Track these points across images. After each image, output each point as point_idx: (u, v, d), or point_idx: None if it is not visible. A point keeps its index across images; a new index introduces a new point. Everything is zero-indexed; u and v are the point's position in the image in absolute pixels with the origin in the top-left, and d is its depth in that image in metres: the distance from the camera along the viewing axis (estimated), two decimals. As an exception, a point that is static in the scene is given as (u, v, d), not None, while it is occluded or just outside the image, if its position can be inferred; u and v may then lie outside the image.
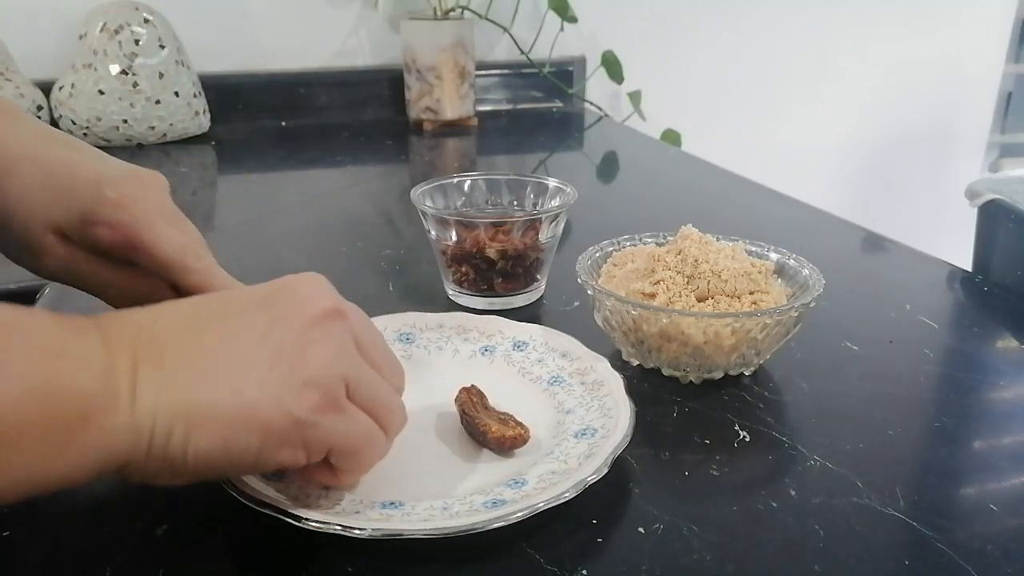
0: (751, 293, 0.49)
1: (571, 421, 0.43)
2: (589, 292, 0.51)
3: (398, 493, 0.37)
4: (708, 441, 0.44)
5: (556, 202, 0.62)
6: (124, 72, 1.06)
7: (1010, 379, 0.52)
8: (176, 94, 1.09)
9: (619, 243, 0.57)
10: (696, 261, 0.49)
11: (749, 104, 1.50)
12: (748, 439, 0.44)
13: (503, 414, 0.43)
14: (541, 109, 1.38)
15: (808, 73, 1.52)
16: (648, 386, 0.49)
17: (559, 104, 1.38)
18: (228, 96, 1.21)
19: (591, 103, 1.38)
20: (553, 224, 0.59)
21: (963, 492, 0.41)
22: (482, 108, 1.32)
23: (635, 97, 1.36)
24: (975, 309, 0.64)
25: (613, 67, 1.34)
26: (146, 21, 1.07)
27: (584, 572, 0.34)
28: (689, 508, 0.38)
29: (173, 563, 0.35)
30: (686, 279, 0.49)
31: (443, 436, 0.43)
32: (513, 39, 1.27)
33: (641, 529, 0.37)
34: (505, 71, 1.35)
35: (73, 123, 1.06)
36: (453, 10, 1.21)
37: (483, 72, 1.31)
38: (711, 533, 0.36)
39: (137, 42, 1.06)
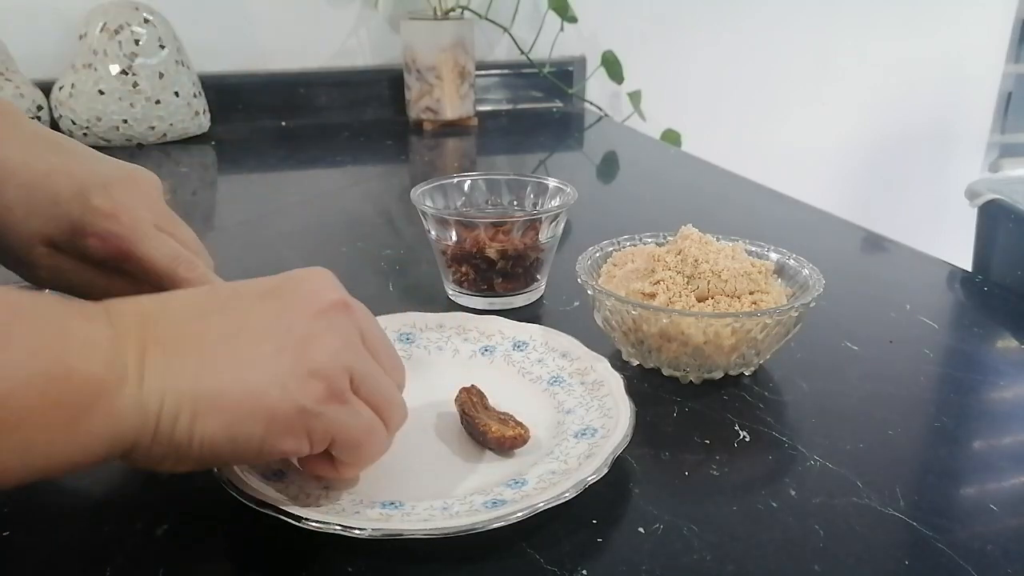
0: (751, 293, 0.49)
1: (571, 421, 0.43)
2: (589, 292, 0.51)
3: (398, 493, 0.38)
4: (708, 441, 0.44)
5: (556, 202, 0.62)
6: (124, 72, 1.06)
7: (1010, 379, 0.52)
8: (176, 94, 1.09)
9: (619, 243, 0.57)
10: (696, 261, 0.49)
11: (749, 104, 1.50)
12: (748, 439, 0.44)
13: (503, 414, 0.43)
14: (541, 109, 1.38)
15: (808, 73, 1.52)
16: (648, 386, 0.49)
17: (559, 104, 1.38)
18: (228, 96, 1.21)
19: (591, 103, 1.38)
20: (553, 224, 0.59)
21: (963, 492, 0.41)
22: (482, 108, 1.32)
23: (635, 97, 1.36)
24: (975, 309, 0.64)
25: (613, 67, 1.34)
26: (146, 21, 1.07)
27: (584, 572, 0.34)
28: (689, 508, 0.38)
29: (173, 563, 0.35)
30: (686, 279, 0.49)
31: (443, 436, 0.43)
32: (513, 39, 1.27)
33: (641, 529, 0.37)
34: (505, 71, 1.35)
35: (73, 123, 1.06)
36: (453, 10, 1.21)
37: (483, 72, 1.31)
38: (711, 533, 0.36)
39: (137, 42, 1.06)
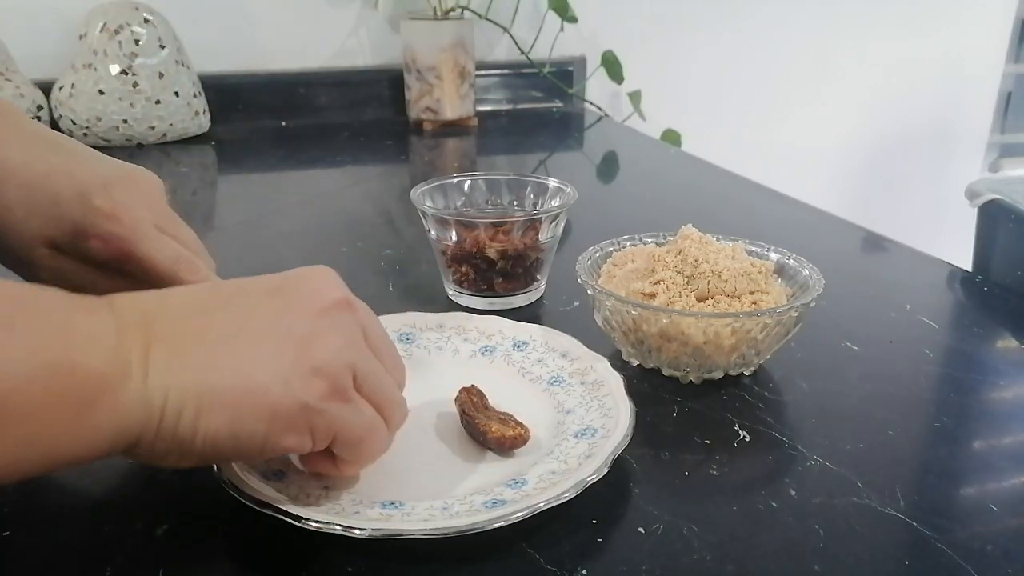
0: (751, 293, 0.49)
1: (571, 421, 0.43)
2: (589, 292, 0.51)
3: (398, 493, 0.38)
4: (708, 441, 0.44)
5: (556, 202, 0.62)
6: (124, 72, 1.06)
7: (1010, 379, 0.52)
8: (176, 94, 1.09)
9: (619, 243, 0.57)
10: (696, 261, 0.49)
11: (749, 104, 1.50)
12: (748, 439, 0.44)
13: (503, 414, 0.43)
14: (541, 109, 1.38)
15: (808, 73, 1.52)
16: (648, 386, 0.49)
17: (559, 104, 1.38)
18: (228, 96, 1.21)
19: (591, 103, 1.38)
20: (553, 224, 0.59)
21: (963, 492, 0.41)
22: (482, 108, 1.32)
23: (635, 97, 1.36)
24: (975, 309, 0.64)
25: (613, 67, 1.34)
26: (146, 21, 1.07)
27: (584, 572, 0.34)
28: (689, 508, 0.38)
29: (173, 563, 0.35)
30: (686, 279, 0.49)
31: (443, 436, 0.43)
32: (513, 39, 1.27)
33: (641, 529, 0.37)
34: (505, 71, 1.35)
35: (73, 123, 1.06)
36: (453, 10, 1.21)
37: (483, 72, 1.31)
38: (711, 533, 0.36)
39: (137, 42, 1.06)
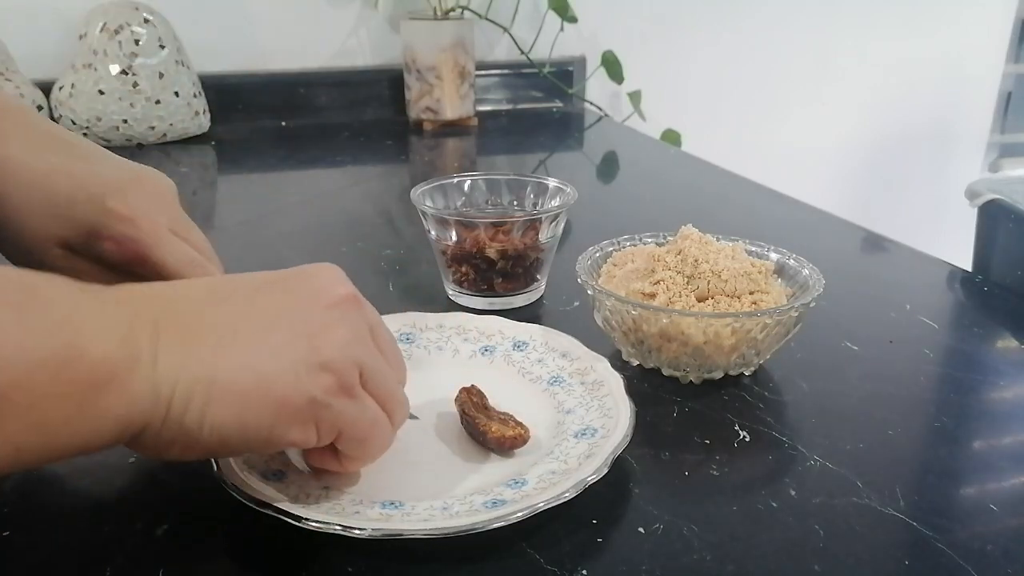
0: (751, 293, 0.49)
1: (571, 421, 0.43)
2: (589, 292, 0.51)
3: (398, 493, 0.38)
4: (708, 441, 0.44)
5: (556, 202, 0.62)
6: (124, 72, 1.06)
7: (1010, 379, 0.52)
8: (176, 94, 1.09)
9: (619, 243, 0.57)
10: (696, 261, 0.49)
11: (749, 104, 1.50)
12: (748, 439, 0.44)
13: (503, 414, 0.43)
14: (541, 109, 1.38)
15: (808, 73, 1.52)
16: (648, 386, 0.49)
17: (559, 104, 1.38)
18: (228, 96, 1.21)
19: (591, 103, 1.38)
20: (553, 224, 0.59)
21: (963, 492, 0.41)
22: (482, 108, 1.32)
23: (635, 97, 1.36)
24: (975, 309, 0.64)
25: (613, 67, 1.34)
26: (146, 21, 1.07)
27: (584, 572, 0.34)
28: (689, 508, 0.38)
29: (173, 563, 0.35)
30: (686, 279, 0.49)
31: (443, 436, 0.43)
32: (513, 39, 1.27)
33: (641, 529, 0.37)
34: (505, 71, 1.35)
35: (73, 123, 1.06)
36: (453, 10, 1.21)
37: (483, 72, 1.31)
38: (711, 533, 0.36)
39: (137, 42, 1.06)
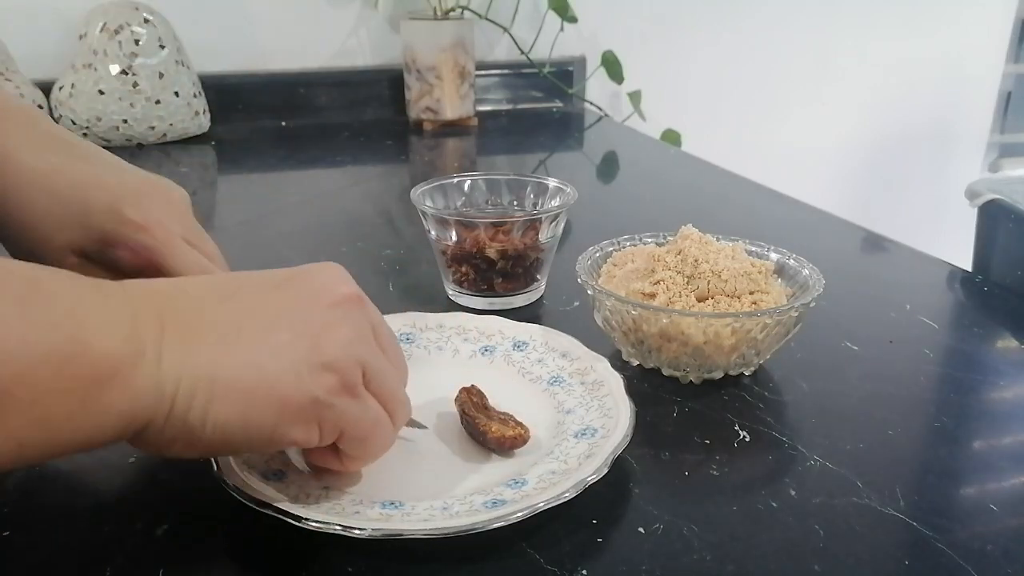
0: (751, 293, 0.49)
1: (571, 421, 0.43)
2: (589, 292, 0.51)
3: (398, 493, 0.38)
4: (708, 441, 0.44)
5: (556, 202, 0.62)
6: (124, 72, 1.06)
7: (1010, 379, 0.52)
8: (176, 94, 1.09)
9: (619, 243, 0.57)
10: (696, 261, 0.49)
11: (749, 104, 1.50)
12: (748, 439, 0.44)
13: (503, 414, 0.43)
14: (541, 109, 1.38)
15: (808, 73, 1.52)
16: (648, 386, 0.49)
17: (559, 104, 1.38)
18: (228, 96, 1.21)
19: (591, 103, 1.38)
20: (553, 224, 0.59)
21: (963, 492, 0.41)
22: (482, 108, 1.32)
23: (635, 97, 1.36)
24: (975, 309, 0.64)
25: (613, 67, 1.34)
26: (146, 21, 1.07)
27: (584, 572, 0.34)
28: (689, 508, 0.38)
29: (173, 563, 0.35)
30: (686, 279, 0.49)
31: (443, 436, 0.43)
32: (513, 39, 1.27)
33: (641, 529, 0.37)
34: (505, 71, 1.35)
35: (73, 123, 1.06)
36: (453, 10, 1.21)
37: (483, 72, 1.31)
38: (711, 533, 0.36)
39: (137, 42, 1.06)
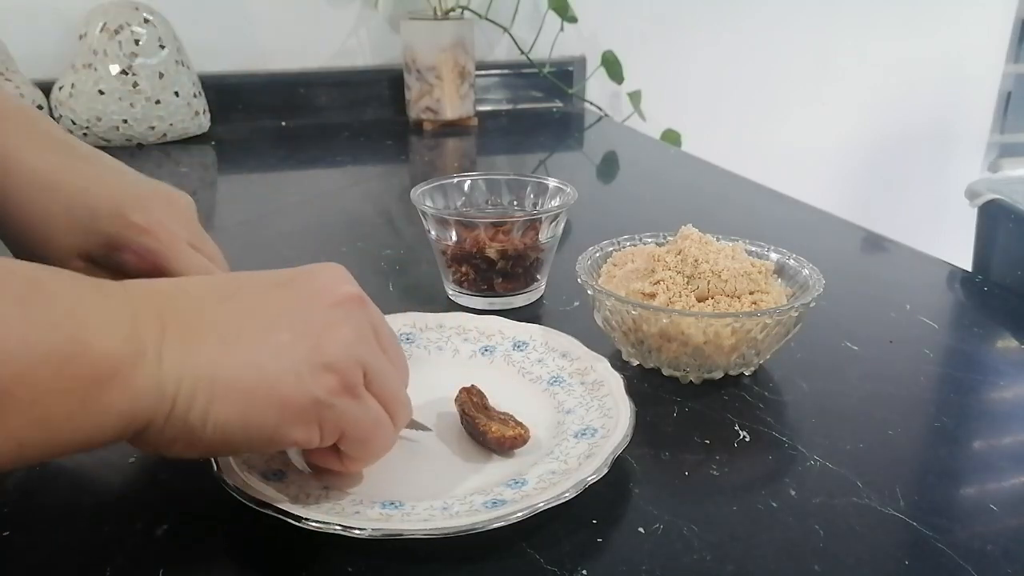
0: (751, 293, 0.49)
1: (571, 421, 0.43)
2: (589, 292, 0.51)
3: (398, 493, 0.38)
4: (708, 441, 0.44)
5: (556, 202, 0.62)
6: (124, 72, 1.06)
7: (1010, 379, 0.52)
8: (176, 94, 1.09)
9: (619, 243, 0.57)
10: (696, 261, 0.49)
11: (749, 104, 1.50)
12: (748, 439, 0.44)
13: (503, 414, 0.43)
14: (541, 109, 1.38)
15: (808, 73, 1.52)
16: (648, 386, 0.49)
17: (559, 104, 1.38)
18: (228, 96, 1.21)
19: (591, 103, 1.38)
20: (553, 224, 0.59)
21: (963, 492, 0.41)
22: (482, 108, 1.32)
23: (635, 97, 1.36)
24: (975, 309, 0.64)
25: (613, 67, 1.34)
26: (146, 21, 1.07)
27: (584, 572, 0.34)
28: (689, 508, 0.38)
29: (173, 563, 0.35)
30: (686, 279, 0.49)
31: (443, 436, 0.43)
32: (513, 39, 1.27)
33: (641, 529, 0.37)
34: (505, 71, 1.35)
35: (73, 123, 1.06)
36: (453, 10, 1.21)
37: (483, 72, 1.31)
38: (711, 533, 0.36)
39: (137, 42, 1.06)
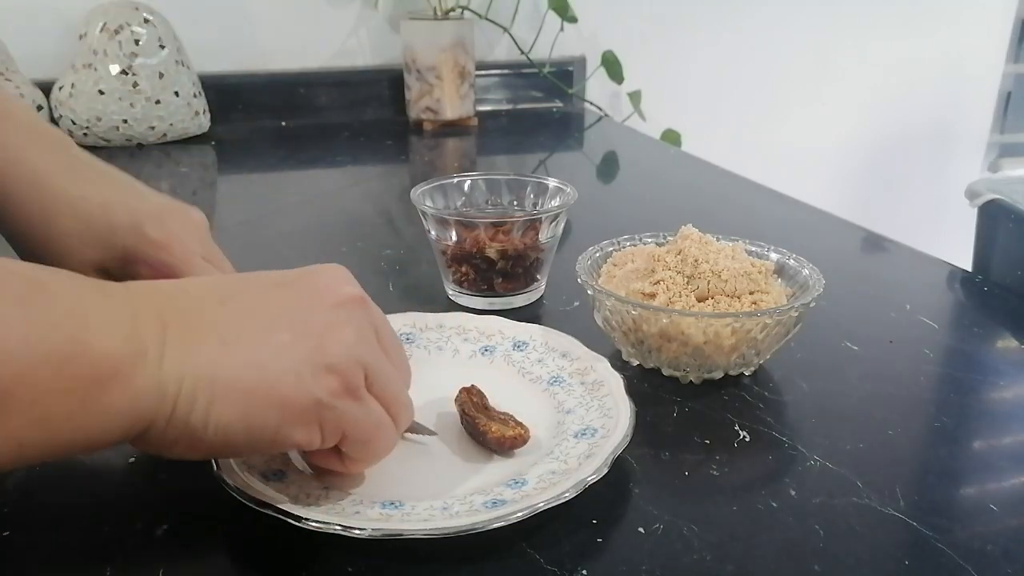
0: (751, 293, 0.49)
1: (571, 421, 0.43)
2: (589, 292, 0.51)
3: (398, 493, 0.38)
4: (708, 441, 0.44)
5: (556, 202, 0.62)
6: (124, 72, 1.06)
7: (1010, 379, 0.52)
8: (176, 94, 1.09)
9: (619, 243, 0.57)
10: (696, 261, 0.49)
11: (749, 104, 1.50)
12: (748, 439, 0.44)
13: (503, 414, 0.43)
14: (541, 109, 1.38)
15: (808, 73, 1.52)
16: (648, 386, 0.49)
17: (559, 104, 1.38)
18: (228, 96, 1.21)
19: (591, 103, 1.38)
20: (553, 224, 0.59)
21: (963, 492, 0.41)
22: (482, 108, 1.32)
23: (635, 97, 1.36)
24: (975, 309, 0.64)
25: (613, 67, 1.34)
26: (146, 21, 1.07)
27: (584, 572, 0.34)
28: (689, 508, 0.38)
29: (173, 563, 0.35)
30: (686, 279, 0.49)
31: (443, 436, 0.43)
32: (513, 39, 1.27)
33: (641, 529, 0.37)
34: (505, 71, 1.35)
35: (73, 123, 1.06)
36: (453, 10, 1.21)
37: (483, 72, 1.31)
38: (711, 533, 0.36)
39: (137, 42, 1.06)
